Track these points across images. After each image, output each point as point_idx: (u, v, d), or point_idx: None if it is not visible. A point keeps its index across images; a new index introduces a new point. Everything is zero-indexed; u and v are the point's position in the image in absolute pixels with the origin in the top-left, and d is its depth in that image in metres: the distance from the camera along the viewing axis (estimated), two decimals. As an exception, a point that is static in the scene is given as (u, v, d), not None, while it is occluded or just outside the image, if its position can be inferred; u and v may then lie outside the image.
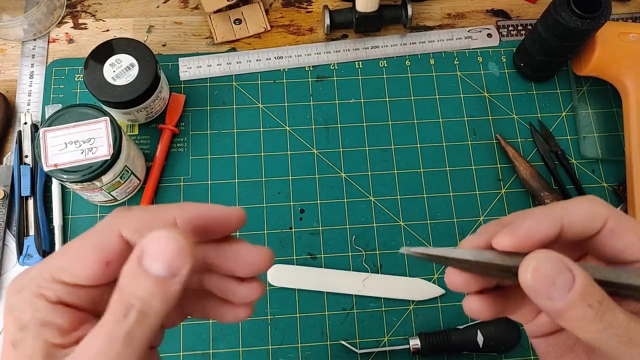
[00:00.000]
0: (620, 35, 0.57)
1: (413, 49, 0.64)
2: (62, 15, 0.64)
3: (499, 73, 0.64)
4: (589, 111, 0.63)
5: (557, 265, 0.23)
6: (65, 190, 0.57)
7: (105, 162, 0.48)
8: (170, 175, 0.58)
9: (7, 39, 0.62)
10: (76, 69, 0.61)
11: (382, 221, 0.58)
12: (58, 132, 0.48)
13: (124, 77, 0.53)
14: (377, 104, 0.62)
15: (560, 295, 0.22)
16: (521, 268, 0.24)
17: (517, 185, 0.59)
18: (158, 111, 0.59)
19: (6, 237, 0.55)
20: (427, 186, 0.59)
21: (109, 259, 0.25)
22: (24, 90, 0.60)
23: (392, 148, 0.60)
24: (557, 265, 0.23)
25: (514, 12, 0.67)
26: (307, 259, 0.56)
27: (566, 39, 0.55)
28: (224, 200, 0.57)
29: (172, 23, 0.65)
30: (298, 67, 0.63)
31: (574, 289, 0.22)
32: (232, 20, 0.64)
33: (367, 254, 0.56)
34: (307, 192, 0.58)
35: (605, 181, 0.60)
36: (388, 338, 0.54)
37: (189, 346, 0.53)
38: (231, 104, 0.61)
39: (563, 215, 0.25)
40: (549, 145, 0.61)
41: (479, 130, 0.61)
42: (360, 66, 0.64)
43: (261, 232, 0.57)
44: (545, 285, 0.23)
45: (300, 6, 0.66)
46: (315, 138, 0.60)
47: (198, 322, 0.53)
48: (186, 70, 0.62)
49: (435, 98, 0.63)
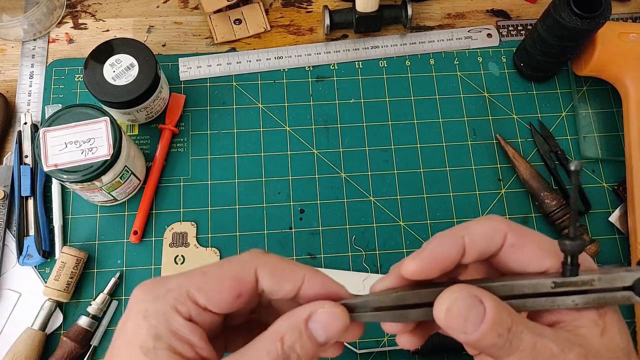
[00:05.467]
0: (620, 35, 0.57)
1: (413, 49, 0.64)
2: (62, 15, 0.64)
3: (499, 73, 0.64)
4: (589, 111, 0.63)
5: (468, 302, 0.25)
6: (65, 190, 0.57)
7: (105, 162, 0.48)
8: (170, 175, 0.58)
9: (7, 39, 0.62)
10: (76, 69, 0.61)
11: (382, 221, 0.57)
12: (58, 132, 0.48)
13: (124, 77, 0.53)
14: (377, 104, 0.62)
15: (473, 329, 0.24)
16: (435, 309, 0.26)
17: (517, 185, 0.59)
18: (158, 111, 0.59)
19: (6, 237, 0.55)
20: (427, 186, 0.59)
21: (241, 292, 0.26)
22: (24, 90, 0.60)
23: (392, 148, 0.60)
24: (469, 302, 0.25)
25: (514, 12, 0.67)
26: (307, 259, 0.56)
27: (566, 39, 0.55)
28: (224, 200, 0.57)
29: (172, 23, 0.65)
30: (298, 67, 0.63)
31: (485, 321, 0.24)
32: (232, 20, 0.64)
33: (367, 254, 0.56)
34: (307, 192, 0.58)
35: (605, 181, 0.60)
36: (388, 338, 0.54)
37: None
38: (231, 104, 0.61)
39: (464, 235, 0.27)
40: (549, 145, 0.61)
41: (479, 130, 0.61)
42: (360, 66, 0.64)
43: (261, 232, 0.57)
44: (458, 323, 0.25)
45: (300, 6, 0.66)
46: (315, 138, 0.60)
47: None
48: (186, 70, 0.62)
49: (435, 98, 0.63)
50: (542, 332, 0.25)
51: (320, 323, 0.26)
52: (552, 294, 0.26)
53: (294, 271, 0.27)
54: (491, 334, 0.24)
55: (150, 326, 0.25)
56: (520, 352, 0.24)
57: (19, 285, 0.54)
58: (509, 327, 0.24)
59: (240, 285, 0.26)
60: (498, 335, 0.24)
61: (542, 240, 0.27)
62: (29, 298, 0.53)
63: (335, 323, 0.26)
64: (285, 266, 0.27)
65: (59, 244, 0.55)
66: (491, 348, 0.25)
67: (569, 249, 0.25)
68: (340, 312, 0.26)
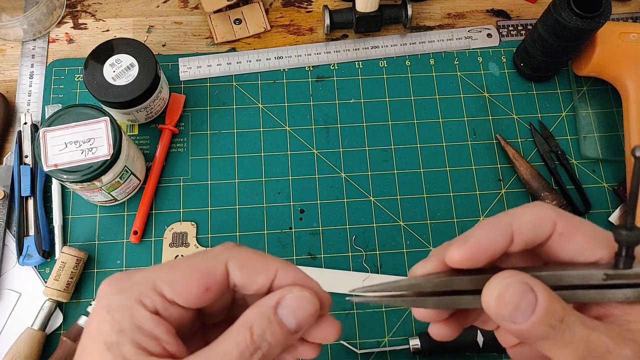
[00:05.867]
0: (621, 35, 0.57)
1: (413, 49, 0.64)
2: (62, 15, 0.64)
3: (499, 73, 0.64)
4: (589, 111, 0.63)
5: (520, 289, 0.23)
6: (65, 190, 0.57)
7: (105, 162, 0.48)
8: (170, 175, 0.58)
9: (7, 39, 0.62)
10: (76, 69, 0.61)
11: (382, 221, 0.57)
12: (58, 132, 0.48)
13: (124, 77, 0.53)
14: (377, 104, 0.62)
15: (524, 318, 0.23)
16: (484, 295, 0.24)
17: (517, 185, 0.59)
18: (158, 111, 0.59)
19: (6, 237, 0.55)
20: (427, 186, 0.59)
21: (209, 286, 0.25)
22: (24, 90, 0.60)
23: (392, 148, 0.60)
24: (520, 289, 0.23)
25: (514, 12, 0.67)
26: (307, 259, 0.56)
27: (566, 39, 0.55)
28: (224, 200, 0.57)
29: (172, 23, 0.65)
30: (298, 67, 0.63)
31: (537, 311, 0.23)
32: (232, 20, 0.64)
33: (367, 254, 0.56)
34: (307, 192, 0.58)
35: (605, 181, 0.60)
36: (388, 338, 0.54)
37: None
38: (231, 104, 0.61)
39: (511, 222, 0.25)
40: (549, 145, 0.61)
41: (479, 130, 0.61)
42: (360, 66, 0.64)
43: (261, 232, 0.57)
44: (509, 311, 0.23)
45: (300, 6, 0.66)
46: (315, 138, 0.60)
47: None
48: (186, 70, 0.62)
49: (435, 98, 0.62)
50: (594, 326, 0.24)
51: (289, 308, 0.25)
52: (603, 286, 0.24)
53: (266, 265, 0.26)
54: (543, 325, 0.23)
55: (114, 320, 0.24)
56: (573, 345, 0.23)
57: (19, 285, 0.54)
58: (561, 318, 0.23)
59: (208, 279, 0.25)
60: (550, 327, 0.23)
61: (593, 229, 0.26)
62: (29, 298, 0.53)
63: (305, 308, 0.25)
64: (257, 259, 0.27)
65: (59, 244, 0.55)
66: (541, 340, 0.23)
67: (625, 239, 0.24)
68: (310, 296, 0.25)
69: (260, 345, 0.24)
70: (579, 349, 0.23)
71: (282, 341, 0.25)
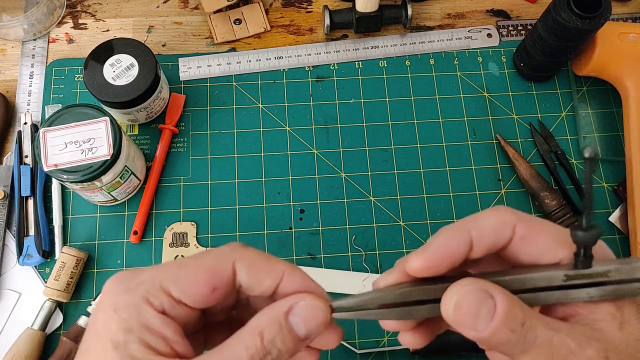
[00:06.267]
0: (620, 35, 0.57)
1: (413, 49, 0.64)
2: (62, 15, 0.64)
3: (498, 73, 0.64)
4: (589, 111, 0.63)
5: (478, 296, 0.23)
6: (65, 190, 0.57)
7: (105, 162, 0.48)
8: (170, 175, 0.58)
9: (7, 39, 0.62)
10: (76, 69, 0.61)
11: (382, 221, 0.57)
12: (58, 132, 0.48)
13: (124, 77, 0.53)
14: (377, 104, 0.62)
15: (484, 325, 0.23)
16: (442, 304, 0.24)
17: (517, 185, 0.59)
18: (158, 111, 0.59)
19: (6, 237, 0.55)
20: (427, 186, 0.59)
21: (217, 286, 0.25)
22: (24, 90, 0.60)
23: (392, 148, 0.60)
24: (479, 297, 0.23)
25: (514, 12, 0.67)
26: (307, 259, 0.56)
27: (566, 39, 0.55)
28: (224, 200, 0.57)
29: (172, 23, 0.65)
30: (298, 67, 0.63)
31: (496, 316, 0.23)
32: (232, 20, 0.64)
33: (367, 254, 0.56)
34: (307, 192, 0.58)
35: (605, 181, 0.60)
36: (388, 338, 0.54)
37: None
38: (231, 104, 0.61)
39: (471, 228, 0.26)
40: (549, 145, 0.61)
41: (479, 130, 0.61)
42: (360, 66, 0.64)
43: (261, 232, 0.57)
44: (468, 319, 0.23)
45: (300, 6, 0.66)
46: (315, 138, 0.60)
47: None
48: (186, 70, 0.62)
49: (435, 98, 0.63)
50: (557, 327, 0.24)
51: (301, 316, 0.25)
52: (566, 287, 0.25)
53: (273, 267, 0.26)
54: (504, 330, 0.23)
55: (121, 319, 0.24)
56: (536, 349, 0.23)
57: (19, 285, 0.54)
58: (522, 322, 0.23)
59: (216, 279, 0.25)
60: (511, 331, 0.23)
61: (553, 230, 0.26)
62: (29, 298, 0.53)
63: (316, 316, 0.25)
64: (264, 261, 0.26)
65: (59, 244, 0.55)
66: (504, 345, 0.24)
67: (581, 239, 0.24)
68: (322, 305, 0.25)
69: (270, 350, 0.24)
70: (541, 352, 0.23)
71: (291, 348, 0.25)
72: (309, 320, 0.25)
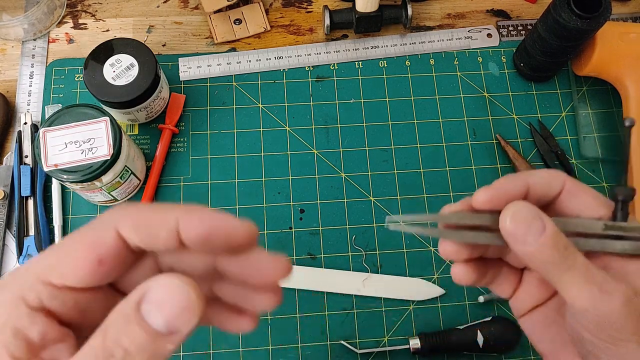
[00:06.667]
0: (620, 35, 0.57)
1: (413, 49, 0.64)
2: (62, 15, 0.64)
3: (498, 73, 0.64)
4: (589, 111, 0.63)
5: (531, 211, 0.26)
6: (65, 190, 0.57)
7: (105, 162, 0.48)
8: (170, 175, 0.58)
9: (7, 38, 0.62)
10: (76, 69, 0.61)
11: (382, 221, 0.57)
12: (58, 132, 0.48)
13: (124, 77, 0.53)
14: (377, 104, 0.62)
15: (534, 239, 0.26)
16: (502, 216, 0.27)
17: (517, 185, 0.59)
18: (158, 111, 0.59)
19: (6, 237, 0.55)
20: (427, 186, 0.59)
21: (102, 257, 0.22)
22: (24, 90, 0.60)
23: (392, 148, 0.60)
24: (532, 212, 0.26)
25: (514, 12, 0.67)
26: (307, 259, 0.56)
27: (566, 39, 0.55)
28: (224, 200, 0.57)
29: (172, 23, 0.65)
30: (298, 67, 0.63)
31: (545, 234, 0.26)
32: (232, 20, 0.64)
33: (367, 254, 0.56)
34: (307, 192, 0.58)
35: (605, 181, 0.60)
36: (388, 338, 0.54)
37: (189, 346, 0.53)
38: (231, 104, 0.61)
39: (528, 176, 0.29)
40: (549, 145, 0.61)
41: (479, 130, 0.61)
42: (360, 66, 0.64)
43: (261, 232, 0.57)
44: (521, 229, 0.26)
45: (300, 6, 0.66)
46: (315, 138, 0.60)
47: (198, 322, 0.53)
48: (186, 70, 0.62)
49: (435, 98, 0.63)
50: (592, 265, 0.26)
51: (155, 303, 0.20)
52: (603, 236, 0.27)
53: (163, 217, 0.23)
54: (550, 248, 0.26)
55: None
56: (575, 271, 0.26)
57: (19, 285, 0.54)
58: (565, 246, 0.26)
59: (98, 249, 0.22)
60: (556, 250, 0.26)
61: (596, 193, 0.29)
62: (29, 298, 0.53)
63: (177, 299, 0.20)
64: (150, 215, 0.23)
65: (59, 244, 0.55)
66: (547, 264, 0.26)
67: (621, 193, 0.28)
68: (181, 282, 0.21)
69: (113, 352, 0.20)
70: (578, 274, 0.26)
71: (148, 347, 0.20)
72: (167, 307, 0.20)
